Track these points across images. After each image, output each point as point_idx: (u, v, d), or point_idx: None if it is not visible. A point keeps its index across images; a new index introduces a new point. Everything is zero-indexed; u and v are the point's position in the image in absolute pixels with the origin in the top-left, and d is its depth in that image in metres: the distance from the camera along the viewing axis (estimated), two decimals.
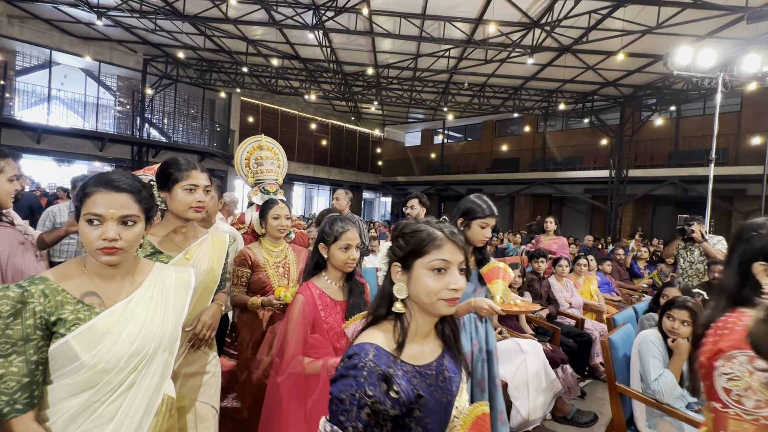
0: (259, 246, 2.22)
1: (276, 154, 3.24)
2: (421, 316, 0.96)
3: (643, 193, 13.48)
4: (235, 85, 13.81)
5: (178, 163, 1.48)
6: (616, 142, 13.85)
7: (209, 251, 1.55)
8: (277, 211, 2.21)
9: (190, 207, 1.46)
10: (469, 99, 14.30)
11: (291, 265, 2.25)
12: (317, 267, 1.64)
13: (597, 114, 14.08)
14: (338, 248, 1.59)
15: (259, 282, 2.15)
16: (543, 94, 13.66)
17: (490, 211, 1.78)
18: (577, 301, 4.13)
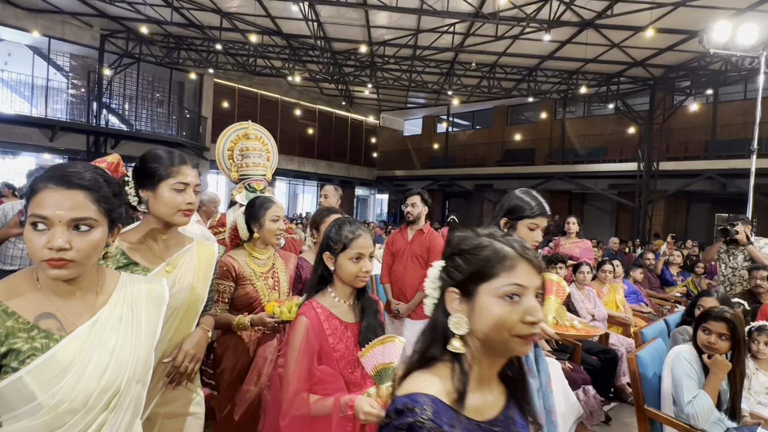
0: (243, 254, 2.13)
1: (265, 144, 3.20)
2: (486, 357, 0.86)
3: (676, 189, 13.56)
4: (207, 65, 13.76)
5: (165, 156, 1.41)
6: (645, 131, 13.94)
7: (194, 263, 1.49)
8: (277, 212, 2.15)
9: (178, 210, 1.39)
10: (478, 81, 14.33)
11: (280, 275, 2.19)
12: (322, 281, 1.55)
13: (623, 98, 14.16)
14: (348, 258, 1.50)
15: (245, 297, 2.06)
16: (562, 76, 13.71)
17: (540, 209, 1.71)
18: (601, 313, 4.14)
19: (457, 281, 0.88)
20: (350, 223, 1.56)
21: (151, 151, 1.44)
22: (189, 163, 1.44)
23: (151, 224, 1.43)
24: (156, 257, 1.42)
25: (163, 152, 1.43)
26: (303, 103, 18.85)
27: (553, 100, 16.70)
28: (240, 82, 16.75)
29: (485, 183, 18.56)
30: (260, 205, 2.15)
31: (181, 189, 1.40)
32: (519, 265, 0.85)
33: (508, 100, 17.61)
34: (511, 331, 0.82)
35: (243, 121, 3.37)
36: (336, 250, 1.52)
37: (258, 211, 2.14)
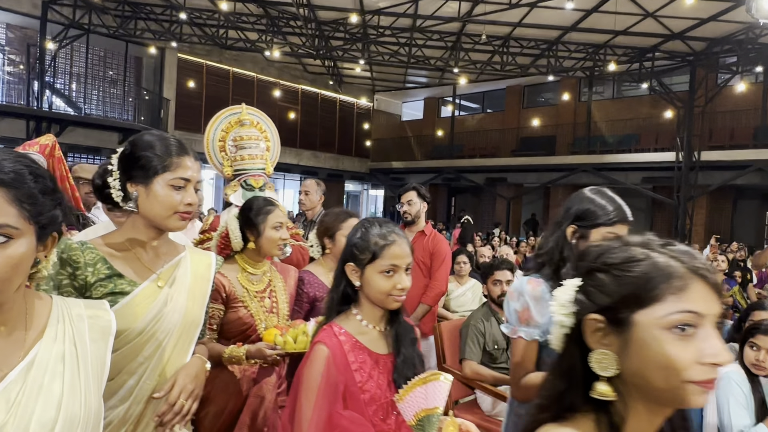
0: (235, 269, 2.06)
1: (263, 131, 3.16)
2: (645, 408, 0.77)
3: (721, 183, 13.64)
4: (169, 38, 13.68)
5: (161, 143, 1.34)
6: (684, 115, 14.02)
7: (189, 277, 1.42)
8: (279, 218, 2.08)
9: (175, 211, 1.33)
10: (488, 57, 14.35)
11: (278, 294, 2.12)
12: (345, 300, 1.45)
13: (659, 77, 14.23)
14: (378, 272, 1.38)
15: (237, 323, 1.99)
16: (587, 51, 13.75)
17: (620, 214, 1.60)
18: None
19: (602, 306, 0.79)
20: (381, 226, 1.44)
21: (144, 136, 1.36)
22: (191, 154, 1.37)
23: (140, 227, 1.37)
24: (145, 268, 1.37)
25: (159, 138, 1.36)
26: (283, 83, 18.80)
27: (577, 78, 16.74)
28: (208, 57, 16.67)
29: (497, 176, 18.60)
30: (259, 209, 2.08)
31: (180, 186, 1.33)
32: (692, 285, 0.74)
33: (524, 78, 17.65)
34: (682, 375, 0.72)
35: (213, 103, 3.34)
36: (363, 261, 1.40)
37: (256, 217, 2.06)
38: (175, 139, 1.38)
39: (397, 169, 20.92)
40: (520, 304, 1.62)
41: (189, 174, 1.35)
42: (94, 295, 1.28)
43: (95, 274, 1.29)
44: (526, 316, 1.61)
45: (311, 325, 1.95)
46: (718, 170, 13.78)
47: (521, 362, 1.61)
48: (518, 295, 1.64)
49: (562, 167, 16.31)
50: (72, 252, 1.29)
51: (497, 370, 3.08)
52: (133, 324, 1.29)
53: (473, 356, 3.07)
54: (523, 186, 18.77)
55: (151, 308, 1.32)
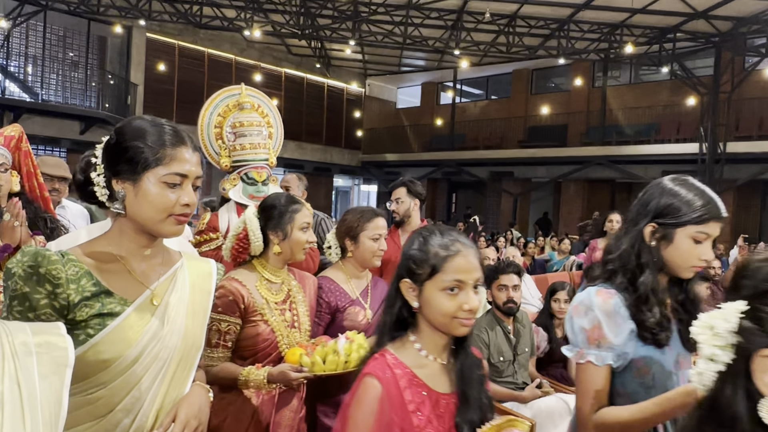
0: (253, 276, 2.00)
1: (264, 115, 3.10)
2: None
3: (749, 177, 13.72)
4: (137, 15, 13.59)
5: (153, 130, 1.25)
6: (708, 102, 14.10)
7: (187, 291, 1.36)
8: (307, 218, 2.05)
9: (169, 214, 1.24)
10: (493, 37, 14.35)
11: (299, 306, 2.07)
12: (400, 324, 1.36)
13: (680, 60, 14.30)
14: (440, 289, 1.28)
15: (256, 340, 1.93)
16: (602, 31, 13.78)
17: (712, 210, 1.46)
18: None
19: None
20: (442, 234, 1.33)
21: (133, 122, 1.27)
22: (189, 144, 1.28)
23: (128, 233, 1.28)
24: (137, 283, 1.28)
25: (151, 124, 1.27)
26: (265, 66, 18.75)
27: (591, 62, 16.79)
28: (181, 37, 16.59)
29: (503, 170, 18.63)
30: (285, 208, 2.03)
31: (175, 183, 1.24)
32: None
33: (532, 62, 17.70)
34: None
35: (186, 88, 3.29)
36: (421, 277, 1.30)
37: (282, 216, 2.01)
38: (171, 126, 1.29)
39: (391, 162, 20.91)
40: (589, 321, 1.49)
41: (186, 168, 1.25)
42: (78, 317, 1.18)
43: (79, 292, 1.18)
44: (597, 335, 1.47)
45: (342, 342, 1.91)
46: (745, 163, 13.86)
47: (591, 393, 1.48)
48: (586, 310, 1.50)
49: (574, 160, 16.36)
50: (51, 266, 1.17)
51: (503, 384, 3.08)
52: (126, 351, 1.20)
53: None
54: (532, 181, 18.82)
55: (146, 331, 1.24)
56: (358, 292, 2.38)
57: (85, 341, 1.17)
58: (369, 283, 2.46)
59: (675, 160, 14.94)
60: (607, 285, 1.53)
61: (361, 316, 2.30)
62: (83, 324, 1.18)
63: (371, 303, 2.38)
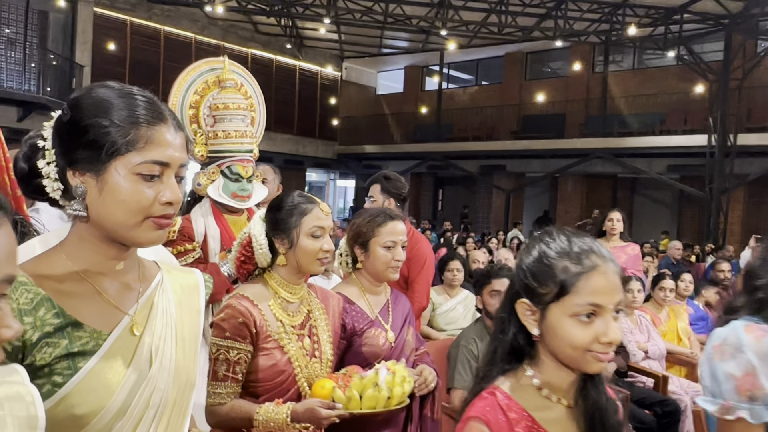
0: (266, 293, 1.86)
1: (248, 97, 2.94)
2: None
3: (761, 173, 13.99)
4: None
5: (121, 103, 1.05)
6: (718, 90, 14.31)
7: (173, 313, 1.18)
8: (320, 220, 1.86)
9: (146, 216, 1.04)
10: (484, 17, 14.41)
11: (320, 330, 1.93)
12: (514, 354, 1.23)
13: (688, 44, 14.51)
14: (571, 315, 1.13)
15: (271, 372, 1.79)
16: (602, 11, 13.92)
17: None
18: (657, 349, 4.22)
19: None
20: (570, 241, 1.18)
21: (93, 91, 1.06)
22: (170, 120, 1.08)
23: (91, 241, 1.09)
24: (110, 307, 1.08)
25: (119, 95, 1.06)
26: (229, 46, 18.59)
27: (591, 44, 16.97)
28: (134, 13, 16.39)
29: (494, 164, 18.73)
30: (291, 208, 1.85)
31: (154, 174, 1.03)
32: None
33: (526, 44, 17.81)
34: None
35: (140, 70, 3.19)
36: (544, 297, 1.15)
37: (287, 218, 1.84)
38: (146, 97, 1.08)
39: (370, 154, 20.91)
40: (739, 366, 1.32)
41: (168, 154, 1.05)
42: (39, 360, 0.98)
43: (38, 327, 0.98)
44: (750, 384, 1.30)
45: (384, 373, 1.79)
46: (757, 157, 14.15)
47: None
48: (734, 352, 1.34)
49: (573, 153, 16.52)
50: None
51: None
52: (107, 401, 1.01)
53: (464, 384, 3.07)
54: (525, 176, 18.96)
55: (130, 372, 1.05)
56: (377, 310, 2.25)
57: (51, 393, 0.97)
58: (389, 298, 2.33)
59: (682, 153, 15.18)
60: (758, 319, 1.38)
61: (382, 340, 2.17)
62: (46, 370, 0.98)
63: (393, 323, 2.25)
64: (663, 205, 17.87)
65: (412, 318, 2.36)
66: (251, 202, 2.80)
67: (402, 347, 2.22)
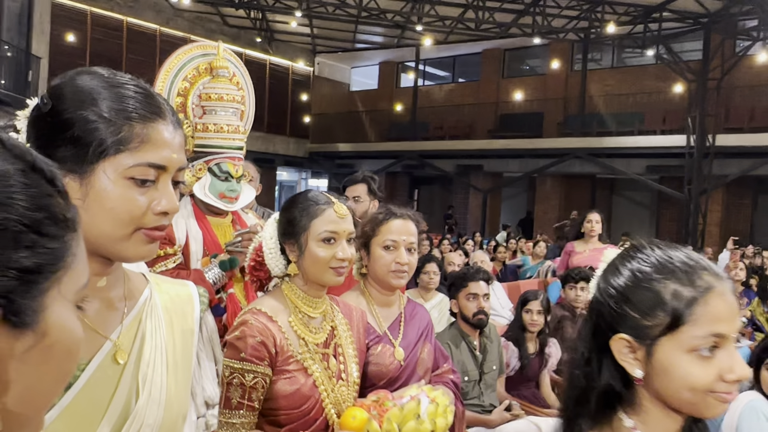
0: (285, 307, 1.69)
1: (240, 89, 2.83)
2: None
3: (739, 173, 14.28)
4: None
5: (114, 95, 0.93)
6: (697, 90, 14.58)
7: (163, 334, 1.07)
8: (332, 224, 1.67)
9: (137, 227, 0.94)
10: (461, 12, 14.48)
11: (345, 349, 1.78)
12: (606, 400, 1.07)
13: (667, 43, 14.75)
14: (689, 351, 0.97)
15: (295, 399, 1.62)
16: (581, 8, 14.09)
17: None
18: None
19: None
20: (670, 254, 1.01)
21: (78, 80, 0.94)
22: (167, 115, 0.97)
23: None
24: (89, 331, 0.95)
25: (108, 84, 0.94)
26: (195, 39, 18.29)
27: (570, 42, 17.15)
28: (94, 3, 16.18)
29: (471, 163, 18.81)
30: (302, 210, 1.68)
31: (148, 179, 0.93)
32: None
33: (504, 41, 17.96)
34: None
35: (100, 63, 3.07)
36: (651, 331, 0.97)
37: (297, 222, 1.67)
38: (140, 87, 0.97)
39: (344, 152, 20.86)
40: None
41: (165, 155, 0.94)
42: None
43: None
44: None
45: (425, 402, 1.64)
46: (735, 158, 14.43)
47: None
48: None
49: (551, 152, 16.68)
50: None
51: (468, 408, 3.10)
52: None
53: None
54: (503, 176, 19.09)
55: (113, 406, 0.95)
56: (387, 324, 2.08)
57: None
58: (402, 311, 2.15)
59: (661, 154, 15.42)
60: None
61: (388, 357, 2.00)
62: None
63: (404, 338, 2.07)
64: (642, 206, 18.13)
65: (430, 334, 2.20)
66: (238, 205, 2.67)
67: (413, 367, 2.06)
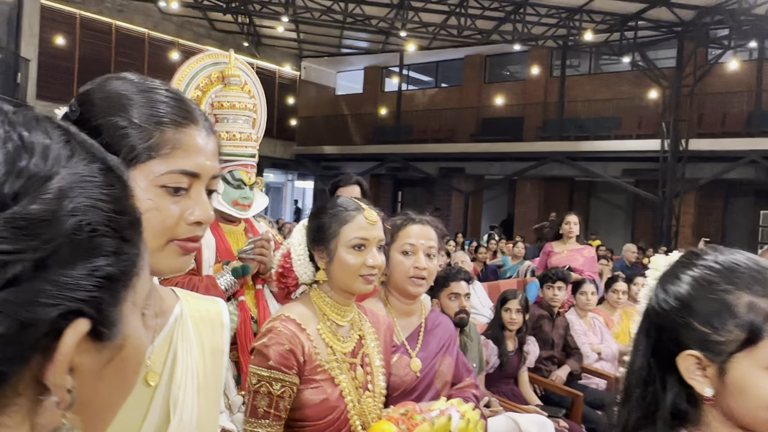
0: (313, 315, 1.63)
1: (252, 97, 2.79)
2: None
3: (712, 177, 14.49)
4: None
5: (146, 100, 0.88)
6: (670, 96, 14.80)
7: (194, 355, 1.01)
8: (362, 230, 1.60)
9: (171, 239, 0.88)
10: (443, 19, 14.54)
11: (372, 358, 1.71)
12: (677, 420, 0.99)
13: (642, 50, 14.93)
14: (766, 367, 0.88)
15: (322, 409, 1.56)
16: (560, 16, 14.21)
17: None
18: (610, 350, 4.35)
19: None
20: (738, 261, 0.93)
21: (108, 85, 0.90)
22: (200, 121, 0.92)
23: None
24: None
25: (138, 89, 0.89)
26: (183, 42, 18.30)
27: (549, 49, 17.28)
28: (83, 6, 16.03)
29: (454, 166, 18.89)
30: (332, 215, 1.62)
31: (181, 187, 0.87)
32: None
33: (486, 47, 18.03)
34: None
35: (90, 66, 3.02)
36: (724, 347, 0.88)
37: (326, 228, 1.61)
38: (171, 92, 0.91)
39: (329, 155, 20.84)
40: None
41: (198, 162, 0.88)
42: None
43: None
44: None
45: (456, 417, 1.55)
46: (708, 162, 14.61)
47: None
48: None
49: (531, 156, 16.79)
50: None
51: None
52: None
53: None
54: (484, 178, 19.18)
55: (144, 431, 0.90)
56: (405, 334, 2.01)
57: None
58: (423, 321, 2.08)
59: (636, 158, 15.59)
60: None
61: (403, 368, 1.92)
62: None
63: (422, 350, 2.00)
64: (618, 208, 18.30)
65: (453, 346, 2.12)
66: (251, 212, 2.63)
67: (431, 380, 1.98)
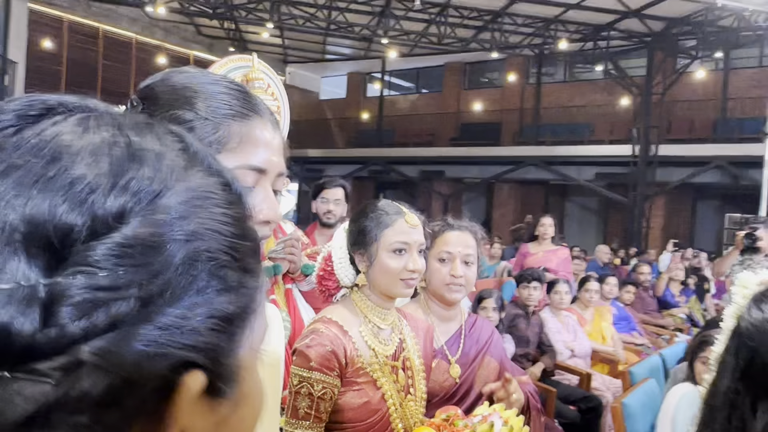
0: (356, 318, 1.58)
1: (275, 100, 2.81)
2: None
3: (680, 181, 14.72)
4: None
5: (213, 91, 0.81)
6: (641, 103, 15.04)
7: None
8: (403, 234, 1.56)
9: None
10: (424, 27, 14.62)
11: (413, 362, 1.66)
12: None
13: (614, 59, 15.15)
14: None
15: (363, 412, 1.52)
16: (536, 25, 14.37)
17: None
18: (583, 348, 4.40)
19: None
20: None
21: (173, 77, 0.83)
22: (266, 115, 0.86)
23: None
24: None
25: (202, 81, 0.82)
26: (170, 47, 18.18)
27: (525, 57, 17.46)
28: (71, 10, 15.86)
29: (434, 169, 18.97)
30: (373, 219, 1.58)
31: (246, 183, 0.83)
32: None
33: (465, 54, 18.14)
34: None
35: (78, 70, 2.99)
36: None
37: (367, 232, 1.56)
38: (235, 84, 0.85)
39: (313, 158, 20.80)
40: None
41: (264, 158, 0.82)
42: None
43: None
44: None
45: (498, 424, 1.51)
46: (677, 167, 14.85)
47: None
48: None
49: (508, 160, 16.90)
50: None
51: None
52: None
53: None
54: (463, 181, 19.28)
55: None
56: (444, 339, 1.94)
57: None
58: (462, 325, 2.01)
59: (608, 162, 15.79)
60: None
61: (443, 374, 1.87)
62: None
63: (462, 355, 1.93)
64: (591, 210, 18.50)
65: (492, 346, 2.03)
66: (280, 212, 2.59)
67: (470, 383, 1.92)
